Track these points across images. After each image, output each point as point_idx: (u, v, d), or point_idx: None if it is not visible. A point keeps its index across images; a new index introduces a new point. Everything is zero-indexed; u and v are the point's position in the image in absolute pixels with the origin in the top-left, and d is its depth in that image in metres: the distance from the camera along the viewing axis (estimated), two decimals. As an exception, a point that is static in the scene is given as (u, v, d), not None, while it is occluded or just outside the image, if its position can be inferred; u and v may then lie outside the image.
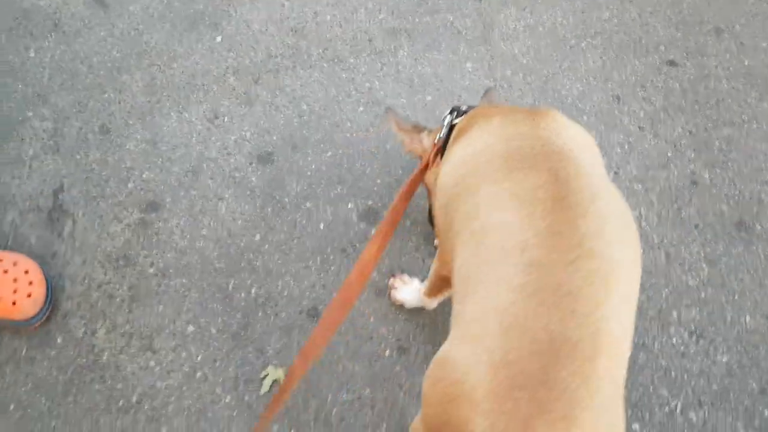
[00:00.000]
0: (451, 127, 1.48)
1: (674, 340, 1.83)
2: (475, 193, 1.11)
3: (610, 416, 0.87)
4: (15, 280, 1.69)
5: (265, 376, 1.71)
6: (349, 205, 1.99)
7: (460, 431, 0.87)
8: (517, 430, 0.82)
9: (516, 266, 0.94)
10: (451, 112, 1.53)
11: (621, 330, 0.92)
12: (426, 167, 1.59)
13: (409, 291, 1.78)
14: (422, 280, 1.78)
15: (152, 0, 2.41)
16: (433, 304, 1.71)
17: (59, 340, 1.74)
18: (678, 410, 1.72)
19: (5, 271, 1.69)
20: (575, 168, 1.08)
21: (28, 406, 1.65)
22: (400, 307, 1.80)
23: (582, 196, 1.02)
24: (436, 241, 1.84)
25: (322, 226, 1.95)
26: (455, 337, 0.98)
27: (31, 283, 1.70)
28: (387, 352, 1.76)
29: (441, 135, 1.51)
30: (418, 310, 1.79)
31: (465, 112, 1.48)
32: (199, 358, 1.73)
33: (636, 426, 1.70)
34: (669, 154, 2.17)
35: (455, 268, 1.08)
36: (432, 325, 1.79)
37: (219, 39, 2.34)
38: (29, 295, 1.68)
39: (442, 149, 1.49)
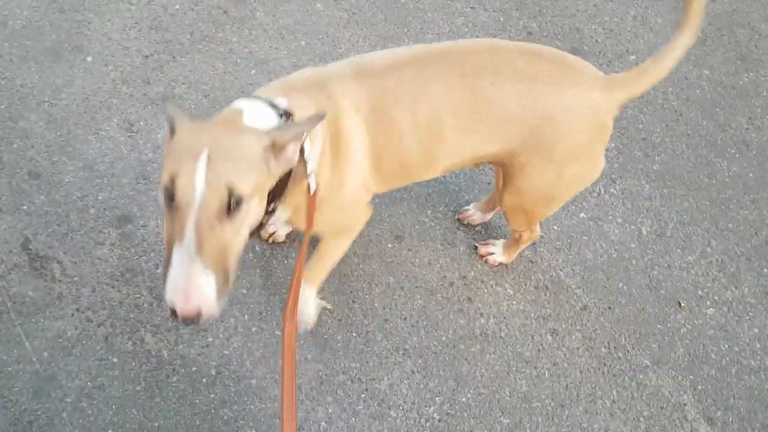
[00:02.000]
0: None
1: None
2: None
3: None
4: None
5: (308, 303, 1.94)
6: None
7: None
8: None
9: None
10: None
11: None
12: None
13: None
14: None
15: (1, 45, 2.36)
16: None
17: (115, 360, 1.82)
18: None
19: None
20: None
21: (124, 424, 1.73)
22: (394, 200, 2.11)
23: None
24: None
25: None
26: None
27: None
28: (389, 245, 2.06)
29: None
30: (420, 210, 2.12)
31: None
32: (246, 317, 1.91)
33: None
34: (502, 20, 2.66)
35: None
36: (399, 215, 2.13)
37: (90, 59, 2.38)
38: None
39: None
